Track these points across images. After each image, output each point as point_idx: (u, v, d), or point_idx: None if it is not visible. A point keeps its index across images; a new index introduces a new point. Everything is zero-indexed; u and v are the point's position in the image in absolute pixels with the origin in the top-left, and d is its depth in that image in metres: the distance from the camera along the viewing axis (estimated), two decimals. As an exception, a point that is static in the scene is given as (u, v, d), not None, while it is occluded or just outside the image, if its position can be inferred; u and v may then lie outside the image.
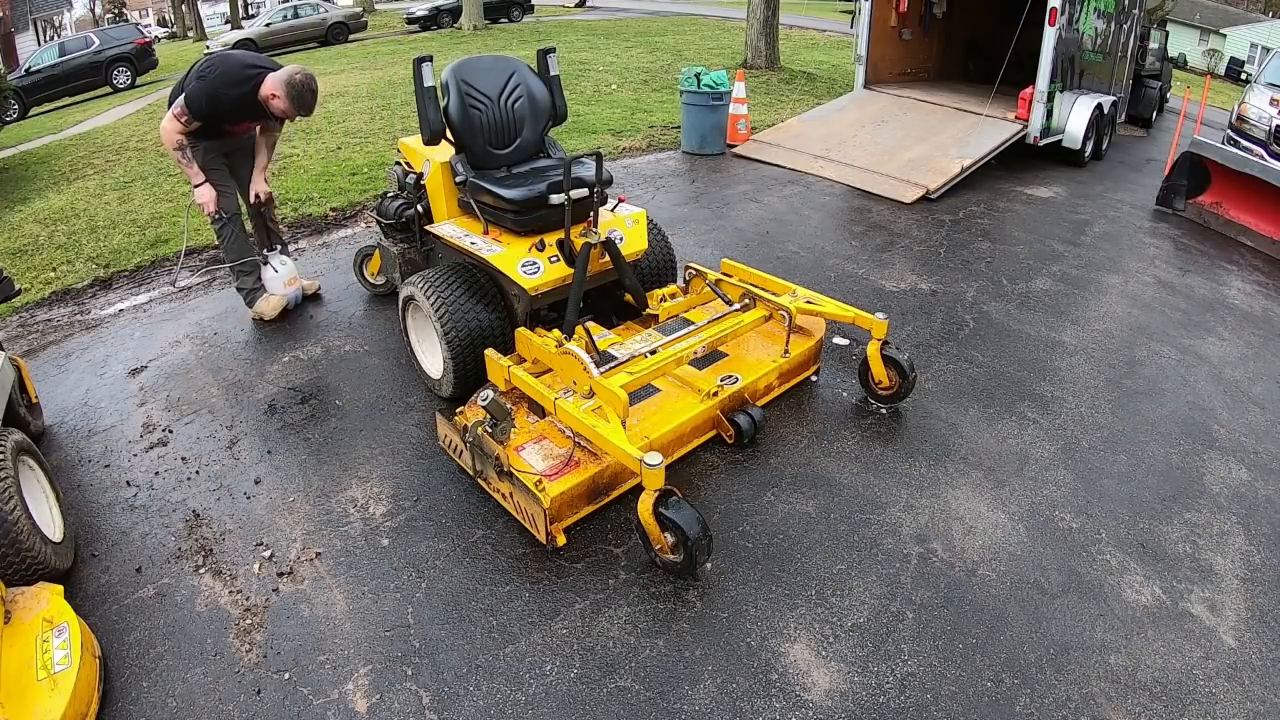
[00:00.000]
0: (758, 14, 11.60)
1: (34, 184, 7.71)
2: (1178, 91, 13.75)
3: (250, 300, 3.97)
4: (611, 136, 7.84)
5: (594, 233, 3.01)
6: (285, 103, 3.41)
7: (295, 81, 3.40)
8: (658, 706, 1.98)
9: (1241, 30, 30.49)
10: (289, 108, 3.44)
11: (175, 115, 3.44)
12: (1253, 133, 7.79)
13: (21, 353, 3.80)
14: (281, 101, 3.41)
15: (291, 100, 3.41)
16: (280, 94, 3.39)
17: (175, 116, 3.44)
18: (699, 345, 2.92)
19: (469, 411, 2.85)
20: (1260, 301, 4.86)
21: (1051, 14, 6.68)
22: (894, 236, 5.37)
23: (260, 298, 3.95)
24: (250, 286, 3.96)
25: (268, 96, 3.43)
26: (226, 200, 3.74)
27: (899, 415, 3.25)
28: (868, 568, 2.44)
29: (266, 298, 3.95)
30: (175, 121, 3.45)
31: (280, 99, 3.40)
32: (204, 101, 3.39)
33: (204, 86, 3.38)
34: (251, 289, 3.96)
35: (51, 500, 2.52)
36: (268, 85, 3.41)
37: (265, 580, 2.39)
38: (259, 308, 3.95)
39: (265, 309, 3.94)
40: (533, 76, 3.42)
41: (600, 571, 2.39)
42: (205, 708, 1.99)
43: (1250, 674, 2.16)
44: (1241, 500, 2.89)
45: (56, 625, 1.98)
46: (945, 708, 2.00)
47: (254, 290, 3.97)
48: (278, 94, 3.39)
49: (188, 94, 3.40)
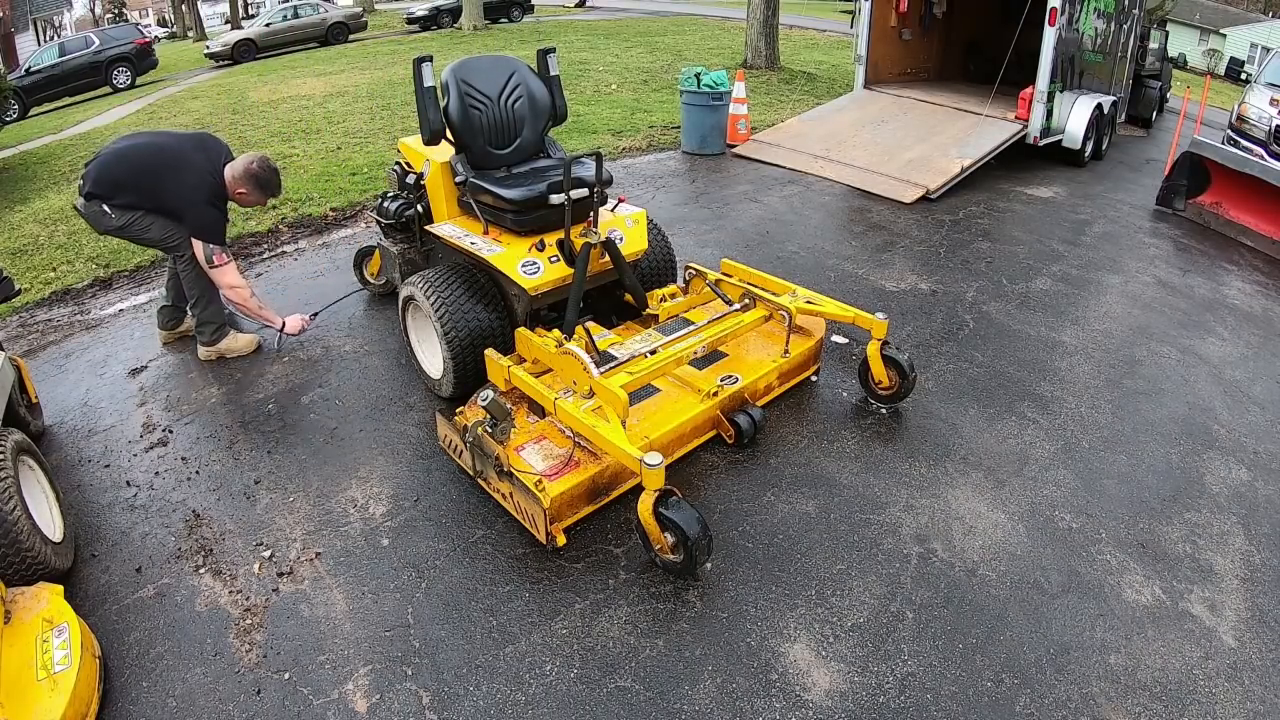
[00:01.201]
0: (758, 14, 11.60)
1: (34, 184, 7.71)
2: (1178, 91, 13.75)
3: (215, 338, 3.58)
4: (611, 136, 7.84)
5: (594, 233, 3.01)
6: (256, 195, 3.42)
7: (253, 171, 3.36)
8: (658, 706, 1.98)
9: (1241, 30, 30.50)
10: (260, 198, 3.46)
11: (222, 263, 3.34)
12: (1253, 133, 7.80)
13: (21, 353, 3.80)
14: (251, 195, 3.41)
15: (261, 189, 3.41)
16: (247, 188, 3.38)
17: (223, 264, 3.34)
18: (699, 345, 2.92)
19: (469, 411, 2.85)
20: (1260, 301, 4.86)
21: (1051, 14, 6.68)
22: (894, 236, 5.37)
23: (228, 335, 3.63)
24: (218, 320, 3.58)
25: (236, 191, 3.39)
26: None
27: (899, 415, 3.25)
28: (868, 568, 2.44)
29: (235, 336, 3.65)
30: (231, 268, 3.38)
31: (248, 193, 3.39)
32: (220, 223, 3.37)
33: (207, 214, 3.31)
34: (219, 324, 3.59)
35: (51, 500, 2.52)
36: (231, 184, 3.37)
37: (265, 580, 2.39)
38: (227, 345, 3.62)
39: (238, 346, 3.64)
40: (533, 76, 3.42)
41: (600, 571, 2.39)
42: (205, 708, 1.99)
43: (1250, 674, 2.16)
44: (1241, 500, 2.89)
45: (56, 625, 1.98)
46: (945, 708, 2.00)
47: (221, 326, 3.60)
48: (244, 189, 3.38)
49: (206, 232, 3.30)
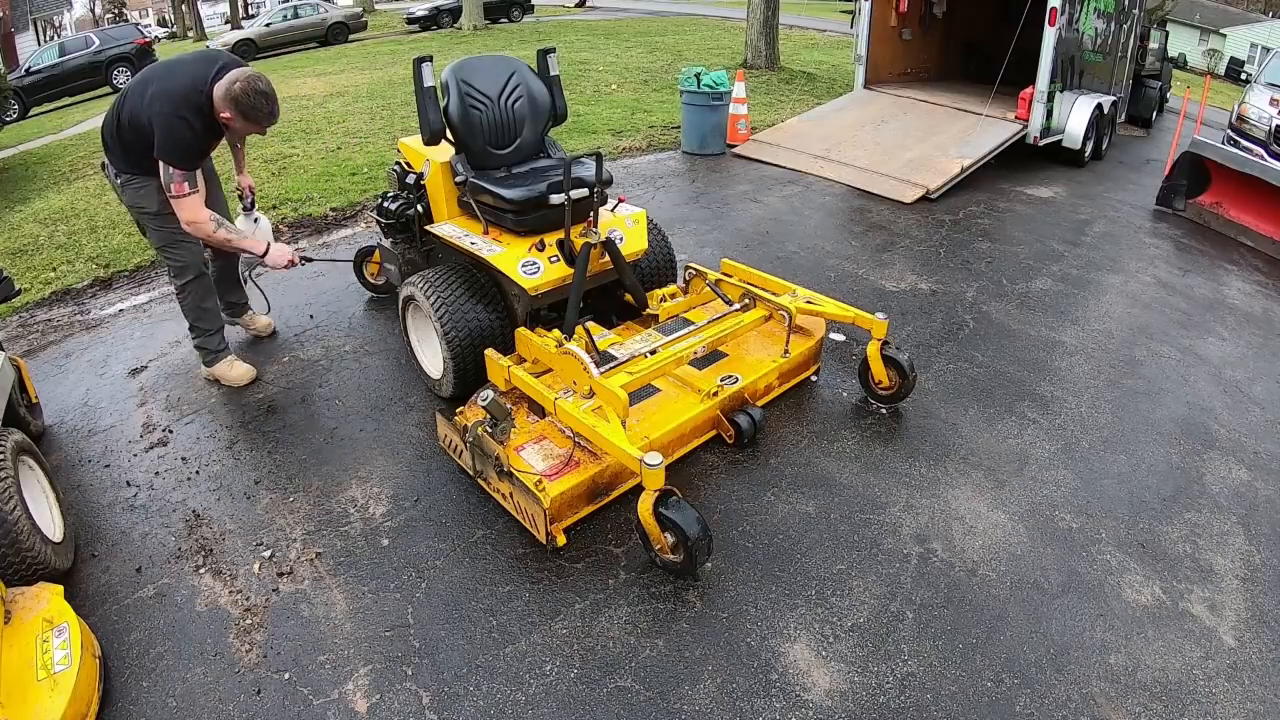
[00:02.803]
0: (758, 14, 11.60)
1: (34, 184, 7.71)
2: (1178, 91, 13.75)
3: (210, 361, 3.40)
4: (611, 136, 7.84)
5: (594, 233, 3.01)
6: (241, 124, 2.89)
7: (234, 93, 2.78)
8: (658, 706, 1.98)
9: (1241, 30, 30.52)
10: (247, 127, 2.93)
11: (181, 194, 2.81)
12: (1253, 133, 7.81)
13: (21, 353, 3.79)
14: (236, 122, 2.88)
15: (245, 117, 2.85)
16: (230, 113, 2.83)
17: (182, 195, 2.81)
18: (699, 345, 2.92)
19: (469, 411, 2.85)
20: (1260, 301, 4.86)
21: (1051, 14, 6.68)
22: (894, 236, 5.37)
23: (224, 361, 3.40)
24: (214, 348, 3.38)
25: (223, 118, 2.88)
26: (192, 252, 3.17)
27: (899, 415, 3.25)
28: (868, 568, 2.44)
29: (232, 363, 3.42)
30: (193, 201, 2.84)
31: (232, 118, 2.85)
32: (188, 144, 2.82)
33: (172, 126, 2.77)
34: (215, 350, 3.39)
35: (51, 500, 2.52)
36: (217, 105, 2.84)
37: (265, 580, 2.39)
38: (221, 371, 3.39)
39: (232, 376, 3.39)
40: (533, 76, 3.42)
41: (600, 571, 2.39)
42: (205, 708, 1.99)
43: (1250, 674, 2.16)
44: (1241, 500, 2.89)
45: (56, 625, 1.98)
46: (945, 708, 2.00)
47: (218, 353, 3.39)
48: (227, 113, 2.84)
49: (165, 149, 2.77)
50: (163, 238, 3.11)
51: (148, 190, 2.99)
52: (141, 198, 3.02)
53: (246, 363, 3.49)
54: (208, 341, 3.37)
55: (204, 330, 3.34)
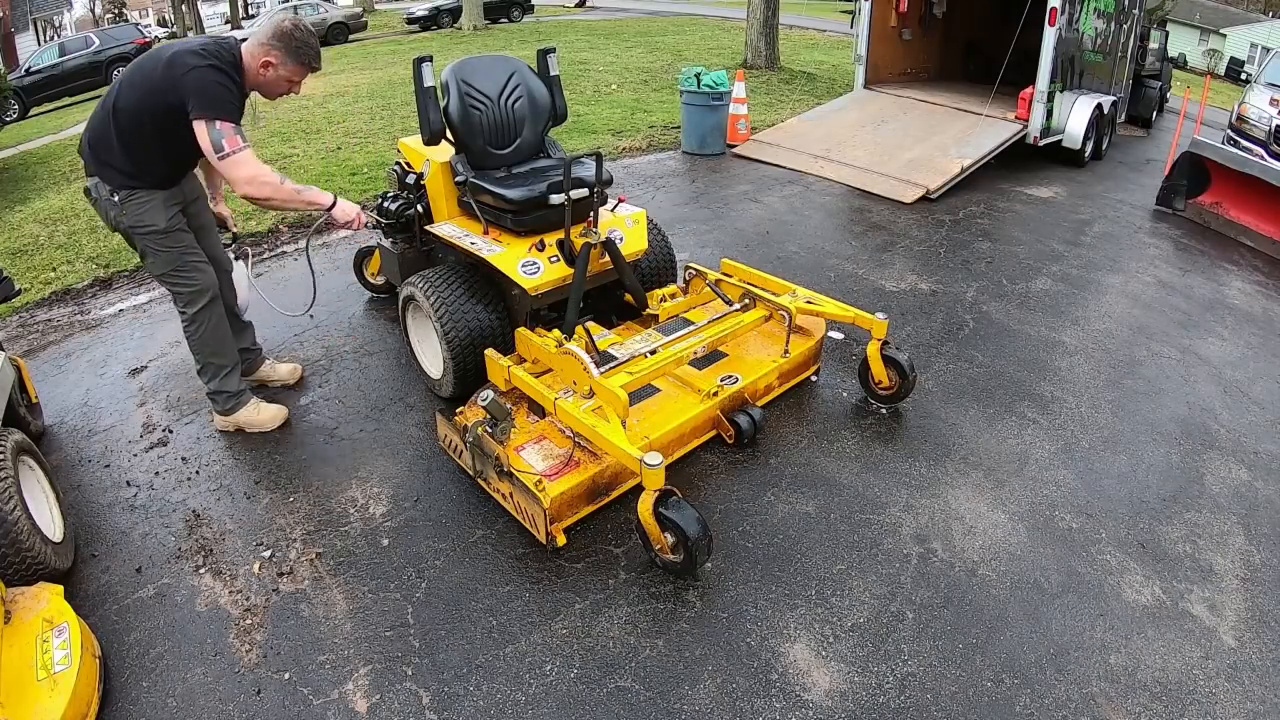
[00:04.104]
0: (758, 14, 11.60)
1: (34, 184, 7.72)
2: (1178, 91, 13.75)
3: (231, 407, 2.96)
4: (611, 136, 7.84)
5: (594, 233, 3.01)
6: (287, 65, 2.58)
7: (284, 29, 2.54)
8: (658, 706, 1.98)
9: (1241, 30, 30.54)
10: (292, 70, 2.60)
11: (235, 149, 2.43)
12: (1253, 133, 7.81)
13: (21, 353, 3.79)
14: (282, 66, 2.57)
15: (295, 55, 2.56)
16: (276, 55, 2.55)
17: (236, 150, 2.43)
18: (699, 345, 2.92)
19: (469, 411, 2.85)
20: (1260, 301, 4.86)
21: (1051, 14, 6.69)
22: (894, 236, 5.37)
23: (247, 405, 3.00)
24: (234, 390, 2.95)
25: (259, 68, 2.56)
26: (203, 272, 2.79)
27: (899, 415, 3.25)
28: (868, 568, 2.44)
29: (257, 406, 3.02)
30: (249, 155, 2.47)
31: (277, 62, 2.56)
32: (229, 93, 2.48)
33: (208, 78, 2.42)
34: (235, 393, 2.96)
35: (51, 500, 2.52)
36: (251, 59, 2.55)
37: (265, 580, 2.39)
38: (246, 418, 2.99)
39: (261, 420, 3.01)
40: (533, 76, 3.42)
41: (600, 571, 2.39)
42: (205, 708, 1.99)
43: (1250, 674, 2.16)
44: (1241, 500, 2.89)
45: (56, 625, 1.98)
46: (945, 708, 2.00)
47: (238, 395, 2.97)
48: (272, 56, 2.55)
49: (205, 102, 2.42)
50: (169, 260, 2.69)
51: (153, 205, 2.61)
52: (145, 214, 2.61)
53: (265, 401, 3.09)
54: (225, 383, 2.92)
55: (220, 368, 2.89)
